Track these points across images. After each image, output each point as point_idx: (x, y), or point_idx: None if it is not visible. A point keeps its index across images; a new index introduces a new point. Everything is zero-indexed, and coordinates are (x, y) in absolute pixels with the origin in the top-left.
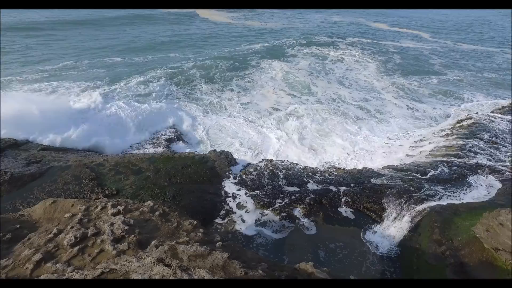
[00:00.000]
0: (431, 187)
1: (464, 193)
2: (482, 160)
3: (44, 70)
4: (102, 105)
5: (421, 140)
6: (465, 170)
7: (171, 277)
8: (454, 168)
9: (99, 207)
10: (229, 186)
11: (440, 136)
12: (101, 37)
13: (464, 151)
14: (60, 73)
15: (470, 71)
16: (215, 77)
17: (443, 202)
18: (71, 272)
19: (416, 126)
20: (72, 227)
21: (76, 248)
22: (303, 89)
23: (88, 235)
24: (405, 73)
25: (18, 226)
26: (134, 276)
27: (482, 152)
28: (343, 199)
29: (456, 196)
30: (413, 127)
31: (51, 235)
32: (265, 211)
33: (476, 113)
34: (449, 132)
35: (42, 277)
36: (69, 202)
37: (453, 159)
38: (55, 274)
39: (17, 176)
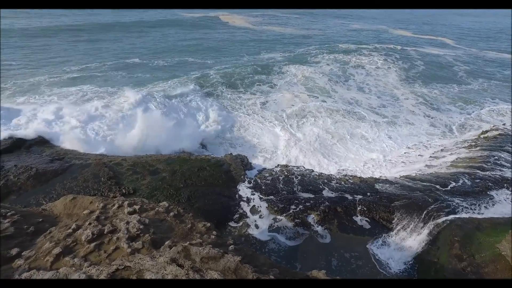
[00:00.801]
0: (451, 200)
1: (487, 208)
2: (508, 173)
3: (71, 71)
4: (144, 107)
5: (442, 150)
6: (489, 183)
7: (184, 278)
8: (477, 180)
9: (116, 205)
10: (244, 190)
11: (463, 147)
12: (125, 40)
13: (489, 164)
14: (85, 75)
15: (497, 80)
16: (236, 82)
17: (464, 215)
18: (88, 267)
19: (429, 133)
20: (90, 224)
21: (93, 244)
22: (322, 93)
23: (105, 232)
24: (427, 81)
25: (40, 219)
26: (147, 275)
27: (508, 165)
28: (358, 208)
29: (478, 210)
30: (425, 134)
31: (70, 230)
32: (279, 217)
33: (504, 124)
34: (473, 143)
35: (60, 270)
36: (88, 199)
37: (476, 171)
38: (73, 268)
39: (41, 172)
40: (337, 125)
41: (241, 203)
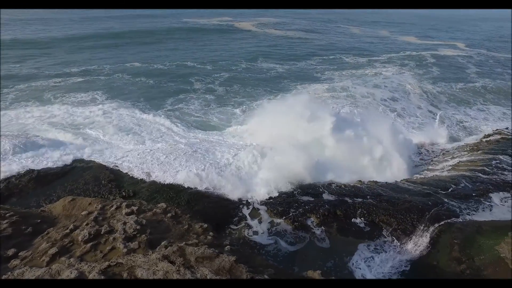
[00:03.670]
0: (452, 203)
1: (487, 211)
2: (509, 177)
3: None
4: None
5: (443, 154)
6: (490, 187)
7: (174, 274)
8: (478, 184)
9: (114, 207)
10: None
11: (465, 151)
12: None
13: (490, 167)
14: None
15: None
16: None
17: (465, 218)
18: (80, 264)
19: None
20: (87, 224)
21: (89, 245)
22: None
23: (102, 233)
24: (436, 82)
25: (39, 220)
26: (138, 271)
27: (510, 168)
28: (358, 211)
29: (479, 214)
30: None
31: (67, 231)
32: (278, 220)
33: (506, 128)
34: (475, 147)
35: (53, 267)
36: (87, 200)
37: (477, 174)
38: (66, 266)
39: (42, 174)
40: None
41: (241, 206)
